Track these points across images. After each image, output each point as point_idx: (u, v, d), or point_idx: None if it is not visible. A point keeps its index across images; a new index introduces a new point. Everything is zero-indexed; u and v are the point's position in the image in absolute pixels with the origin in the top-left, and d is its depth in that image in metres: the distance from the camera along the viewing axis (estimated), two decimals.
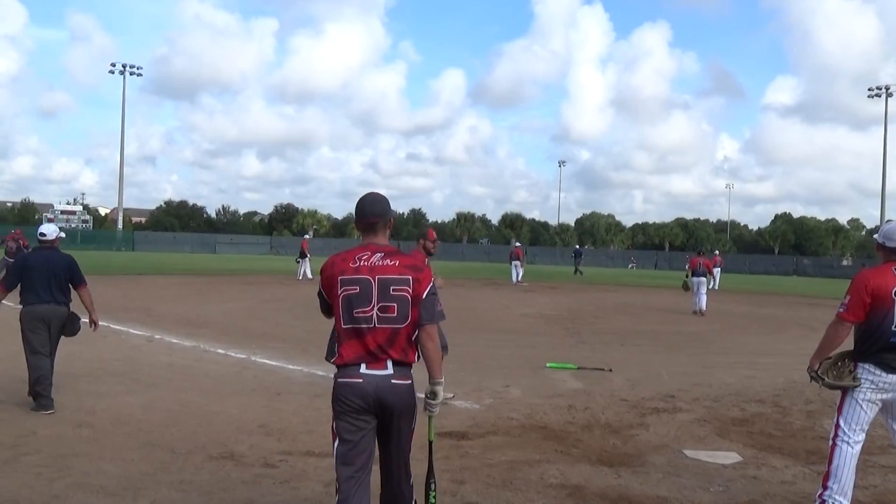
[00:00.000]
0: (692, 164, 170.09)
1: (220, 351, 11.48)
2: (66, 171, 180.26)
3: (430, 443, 4.34)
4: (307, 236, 39.80)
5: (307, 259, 31.54)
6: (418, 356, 3.94)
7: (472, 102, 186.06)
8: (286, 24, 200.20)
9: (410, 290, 3.78)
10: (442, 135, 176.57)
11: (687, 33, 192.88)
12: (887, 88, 68.58)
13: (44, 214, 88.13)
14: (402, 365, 3.85)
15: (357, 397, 3.72)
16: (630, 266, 75.36)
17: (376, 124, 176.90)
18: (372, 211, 3.92)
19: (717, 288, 35.84)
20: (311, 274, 30.53)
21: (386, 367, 3.79)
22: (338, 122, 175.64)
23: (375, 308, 3.73)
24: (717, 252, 48.32)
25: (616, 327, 17.77)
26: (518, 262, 35.31)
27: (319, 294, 3.93)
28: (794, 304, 28.64)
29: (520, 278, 34.91)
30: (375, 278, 3.74)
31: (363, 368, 3.75)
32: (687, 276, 23.37)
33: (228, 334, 13.46)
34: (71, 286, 7.69)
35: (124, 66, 71.71)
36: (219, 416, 7.39)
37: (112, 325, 13.78)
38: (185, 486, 5.27)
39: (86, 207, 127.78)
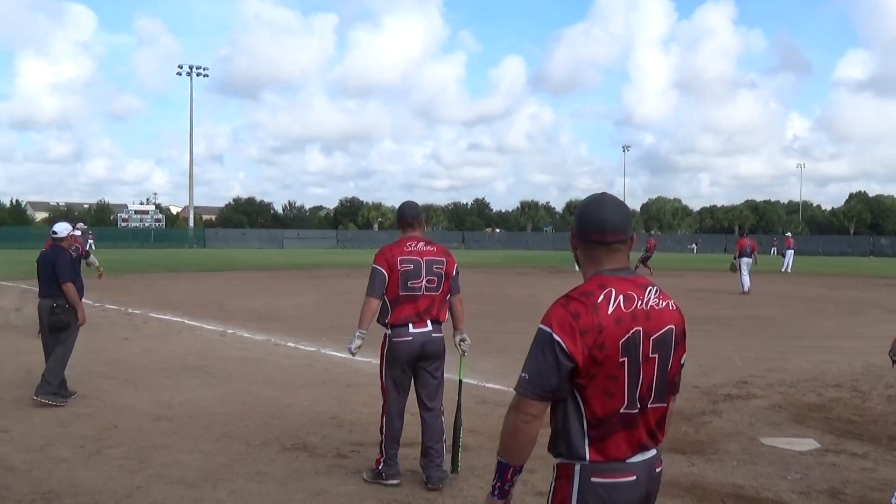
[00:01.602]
0: (761, 144, 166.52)
1: (290, 344, 11.68)
2: (138, 171, 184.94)
3: (460, 382, 5.56)
4: None
5: None
6: (447, 316, 5.48)
7: (532, 90, 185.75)
8: (345, 19, 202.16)
9: (444, 269, 5.37)
10: (503, 123, 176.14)
11: (752, 9, 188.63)
12: None
13: (119, 215, 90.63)
14: (438, 323, 5.35)
15: (406, 353, 5.23)
16: (691, 248, 74.19)
17: (437, 115, 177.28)
18: (412, 214, 5.51)
19: (790, 271, 35.04)
20: None
21: (427, 325, 5.27)
22: (399, 114, 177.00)
23: (424, 280, 5.25)
24: (789, 234, 47.22)
25: (685, 313, 17.46)
26: None
27: (377, 272, 5.23)
28: (872, 285, 27.80)
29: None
30: (423, 259, 5.28)
31: (411, 328, 5.22)
32: (735, 258, 23.85)
33: (298, 328, 13.68)
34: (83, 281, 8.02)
35: (191, 68, 73.47)
36: (291, 408, 7.54)
37: (186, 321, 14.18)
38: (261, 476, 5.40)
39: (158, 207, 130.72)
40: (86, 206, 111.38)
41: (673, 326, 2.45)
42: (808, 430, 6.93)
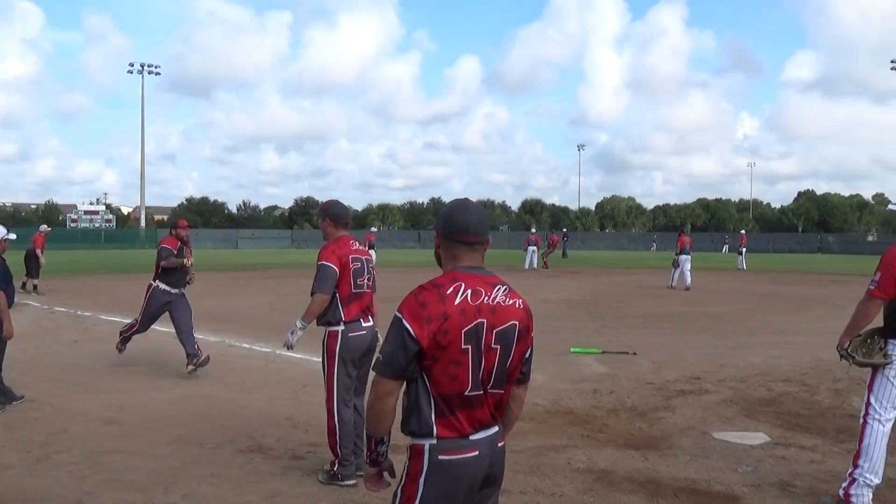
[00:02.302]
0: (712, 143, 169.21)
1: (245, 345, 11.58)
2: (88, 171, 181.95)
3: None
4: (374, 229, 38.76)
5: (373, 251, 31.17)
6: None
7: (487, 89, 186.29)
8: (300, 17, 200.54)
9: (373, 267, 5.76)
10: (459, 123, 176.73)
11: (703, 11, 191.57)
12: None
13: (68, 216, 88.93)
14: (373, 317, 5.67)
15: (361, 347, 5.46)
16: (652, 248, 75.09)
17: (393, 114, 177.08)
18: (347, 213, 5.80)
19: (745, 268, 35.68)
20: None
21: (370, 321, 5.60)
22: (354, 113, 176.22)
23: (367, 278, 5.58)
24: (742, 231, 48.08)
25: (639, 310, 17.73)
26: (534, 249, 35.16)
27: (329, 269, 5.37)
28: (820, 282, 28.41)
29: (535, 264, 34.82)
30: (363, 258, 5.60)
31: (363, 323, 5.51)
32: (676, 254, 24.76)
33: (253, 328, 13.56)
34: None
35: (142, 66, 72.12)
36: (246, 409, 7.47)
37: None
38: (216, 479, 5.34)
39: (108, 207, 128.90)
40: (33, 206, 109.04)
41: (517, 322, 2.73)
42: (759, 424, 7.05)
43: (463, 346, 2.58)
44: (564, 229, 63.33)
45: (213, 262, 39.11)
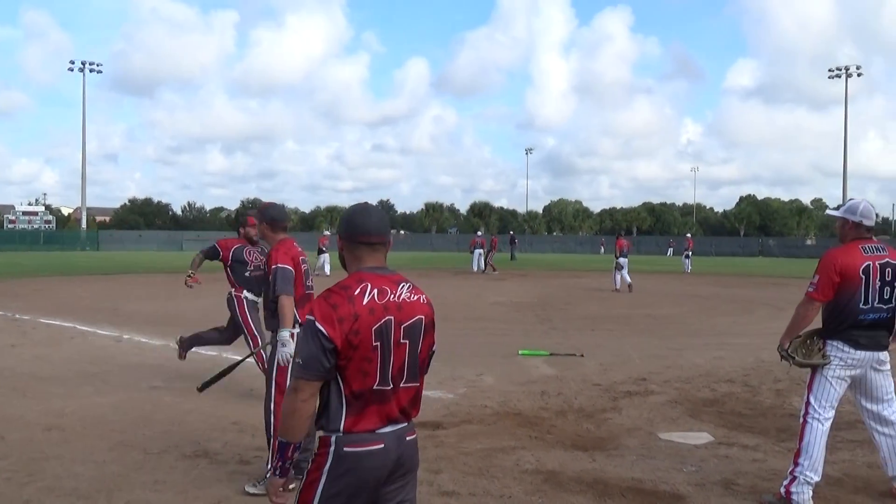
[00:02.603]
0: (657, 148, 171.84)
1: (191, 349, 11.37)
2: (26, 171, 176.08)
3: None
4: (326, 232, 38.05)
5: (327, 255, 30.70)
6: None
7: (436, 92, 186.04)
8: (246, 17, 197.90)
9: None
10: (407, 125, 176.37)
11: (648, 18, 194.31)
12: (847, 69, 69.63)
13: (5, 216, 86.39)
14: None
15: None
16: (600, 251, 76.01)
17: (341, 116, 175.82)
18: (287, 218, 5.81)
19: (689, 271, 36.33)
20: (328, 270, 29.88)
21: None
22: (302, 114, 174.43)
23: (311, 279, 5.77)
24: (689, 235, 48.96)
25: (586, 313, 17.89)
26: (481, 252, 35.24)
27: (287, 271, 5.32)
28: (761, 284, 29.03)
29: (482, 267, 34.94)
30: (306, 259, 5.71)
31: None
32: (617, 257, 25.15)
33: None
34: None
35: (83, 64, 70.46)
36: (192, 414, 7.33)
37: (79, 327, 13.63)
38: (160, 485, 5.23)
39: (48, 208, 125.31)
40: None
41: (422, 317, 2.85)
42: (703, 424, 7.15)
43: (374, 344, 2.69)
44: (512, 232, 63.72)
45: (158, 265, 38.44)
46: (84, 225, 76.04)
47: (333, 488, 2.70)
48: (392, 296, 2.77)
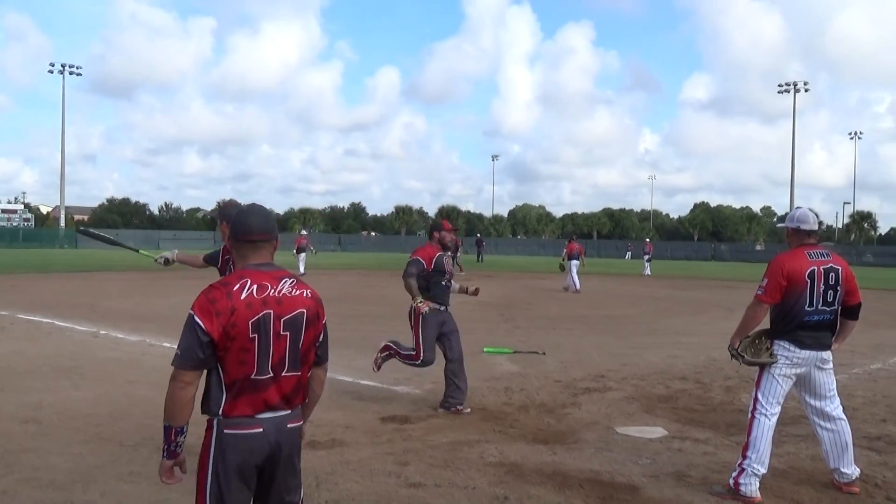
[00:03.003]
0: (616, 156, 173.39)
1: (166, 344, 11.23)
2: (5, 170, 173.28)
3: None
4: (304, 232, 37.41)
5: (304, 254, 30.47)
6: None
7: (406, 99, 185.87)
8: (223, 23, 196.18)
9: None
10: (378, 131, 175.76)
11: (609, 32, 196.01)
12: (795, 85, 70.76)
13: None
14: None
15: None
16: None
17: (314, 121, 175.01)
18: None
19: (650, 274, 36.67)
20: (303, 269, 29.71)
21: None
22: (276, 119, 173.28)
23: None
24: (648, 240, 49.45)
25: (548, 312, 17.96)
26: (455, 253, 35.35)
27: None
28: (713, 287, 29.35)
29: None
30: None
31: None
32: (563, 259, 25.68)
33: (174, 328, 13.06)
34: None
35: (63, 66, 69.29)
36: None
37: (56, 322, 13.40)
38: (135, 477, 5.17)
39: (27, 206, 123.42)
40: None
41: (304, 310, 2.92)
42: (657, 419, 7.21)
43: (251, 336, 2.77)
44: (479, 235, 63.76)
45: (134, 263, 37.92)
46: (63, 223, 74.73)
47: (220, 469, 2.85)
48: (272, 291, 2.84)
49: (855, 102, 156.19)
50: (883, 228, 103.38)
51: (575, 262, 25.23)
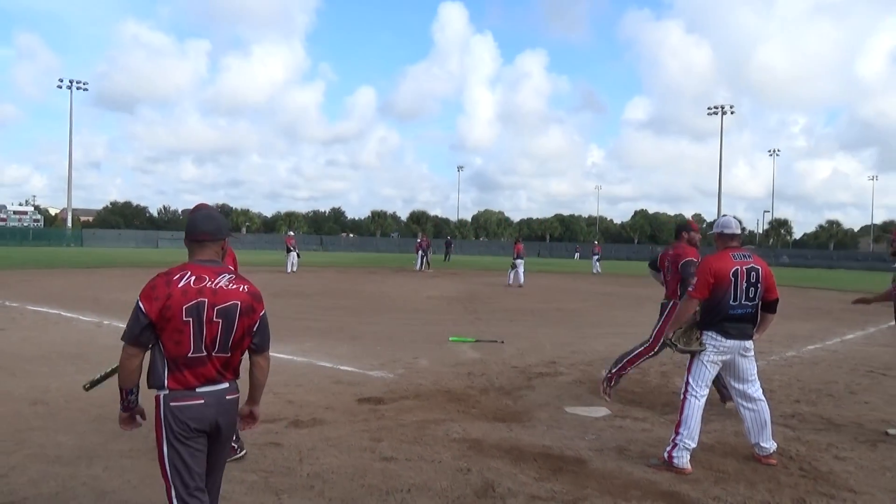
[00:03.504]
0: (567, 168, 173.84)
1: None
2: (17, 175, 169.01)
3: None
4: (291, 233, 36.77)
5: (293, 253, 30.09)
6: None
7: (381, 116, 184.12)
8: (217, 46, 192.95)
9: None
10: (356, 144, 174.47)
11: (560, 59, 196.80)
12: (722, 108, 71.82)
13: None
14: None
15: None
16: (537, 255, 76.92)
17: (299, 134, 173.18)
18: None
19: (599, 272, 37.03)
20: (293, 268, 29.54)
21: None
22: (265, 132, 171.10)
23: None
24: (596, 242, 49.81)
25: (507, 306, 18.01)
26: (423, 252, 35.27)
27: None
28: (650, 284, 29.50)
29: (424, 266, 35.01)
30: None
31: None
32: (514, 258, 26.02)
33: None
34: None
35: (71, 82, 67.87)
36: None
37: (63, 313, 13.14)
38: (134, 452, 5.08)
39: (37, 208, 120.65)
40: None
41: (238, 303, 3.03)
42: (602, 400, 7.24)
43: (184, 319, 2.90)
44: (449, 237, 63.70)
45: (136, 260, 37.33)
46: (69, 224, 73.12)
47: (172, 438, 2.98)
48: (209, 283, 2.97)
49: (774, 123, 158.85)
50: (797, 234, 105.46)
51: (521, 261, 25.61)
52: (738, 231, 5.36)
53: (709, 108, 73.65)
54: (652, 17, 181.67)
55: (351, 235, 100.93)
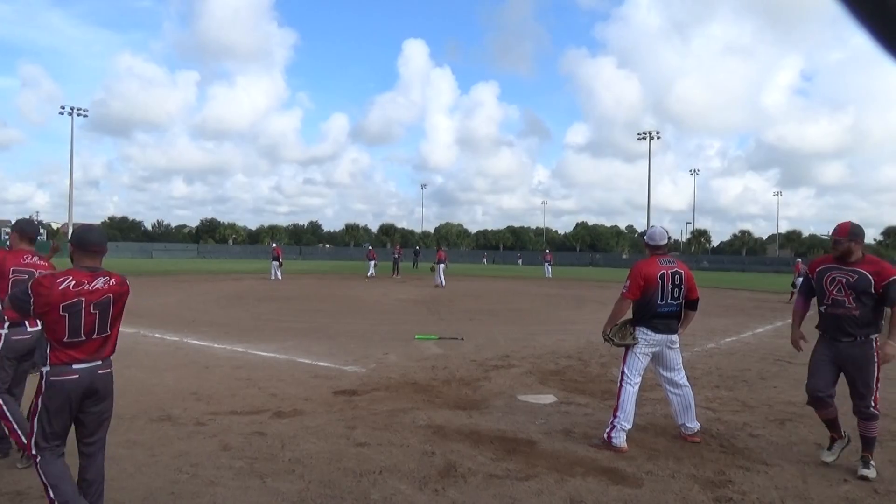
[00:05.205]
0: (516, 186, 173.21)
1: (157, 335, 10.82)
2: (21, 193, 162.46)
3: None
4: (274, 244, 35.96)
5: (276, 262, 29.44)
6: None
7: (353, 140, 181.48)
8: (205, 77, 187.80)
9: None
10: (331, 164, 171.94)
11: (510, 90, 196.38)
12: (649, 133, 73.06)
13: (2, 229, 79.87)
14: None
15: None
16: (483, 261, 77.17)
17: (279, 156, 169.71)
18: (38, 231, 5.32)
19: (550, 276, 37.37)
20: (278, 276, 29.08)
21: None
22: (248, 154, 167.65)
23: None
24: (547, 250, 50.09)
25: (466, 307, 18.01)
26: (374, 262, 34.56)
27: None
28: (591, 286, 29.97)
29: (395, 273, 34.86)
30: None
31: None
32: (437, 263, 27.94)
33: (164, 321, 12.70)
34: None
35: (72, 109, 65.97)
36: (157, 386, 6.97)
37: None
38: (132, 444, 4.94)
39: (40, 223, 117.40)
40: None
41: (110, 295, 3.41)
42: (549, 388, 7.29)
43: (61, 313, 3.24)
44: (417, 247, 63.44)
45: (131, 269, 36.44)
46: (70, 237, 71.08)
47: (47, 404, 3.29)
48: (87, 285, 3.32)
49: (693, 147, 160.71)
50: (715, 242, 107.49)
51: (441, 266, 27.31)
52: (665, 241, 5.45)
53: (638, 134, 74.45)
54: (588, 55, 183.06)
55: (327, 246, 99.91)
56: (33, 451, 3.38)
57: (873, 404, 4.53)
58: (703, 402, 6.52)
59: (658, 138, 74.29)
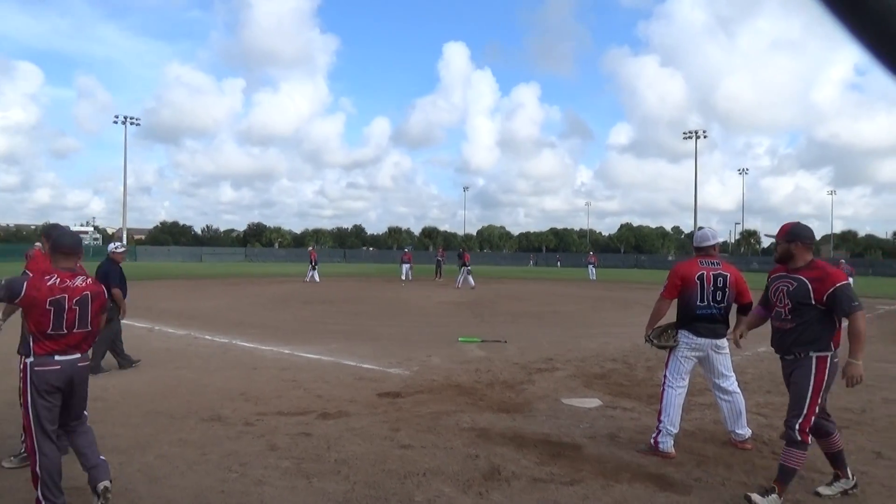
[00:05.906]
0: (559, 187, 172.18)
1: (207, 337, 11.10)
2: (78, 200, 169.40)
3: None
4: (310, 248, 35.93)
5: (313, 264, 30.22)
6: None
7: (395, 143, 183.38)
8: (251, 84, 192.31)
9: None
10: (373, 168, 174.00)
11: (551, 91, 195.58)
12: (695, 132, 71.52)
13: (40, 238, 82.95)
14: None
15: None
16: (531, 263, 76.74)
17: (323, 160, 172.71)
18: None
19: (595, 279, 37.02)
20: (318, 278, 29.84)
21: None
22: (293, 159, 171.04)
23: None
24: (591, 252, 49.57)
25: (509, 309, 17.95)
26: (409, 266, 34.32)
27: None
28: (636, 289, 29.52)
29: (438, 276, 34.95)
30: None
31: None
32: (462, 265, 28.22)
33: (214, 324, 13.02)
34: None
35: (125, 118, 68.27)
36: (207, 387, 7.15)
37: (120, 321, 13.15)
38: (182, 443, 5.08)
39: (96, 228, 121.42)
40: (33, 226, 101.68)
41: (88, 293, 3.77)
42: (594, 392, 7.22)
43: (47, 308, 3.58)
44: (462, 249, 63.62)
45: (183, 272, 37.50)
46: (124, 241, 73.56)
47: (34, 392, 3.57)
48: (69, 282, 3.70)
49: (741, 146, 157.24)
50: (765, 243, 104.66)
51: (467, 269, 27.70)
52: (708, 242, 5.27)
53: (684, 133, 72.78)
54: (630, 54, 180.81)
55: (371, 249, 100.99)
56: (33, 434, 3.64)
57: (798, 427, 3.91)
58: (753, 407, 6.36)
59: (704, 137, 72.62)
